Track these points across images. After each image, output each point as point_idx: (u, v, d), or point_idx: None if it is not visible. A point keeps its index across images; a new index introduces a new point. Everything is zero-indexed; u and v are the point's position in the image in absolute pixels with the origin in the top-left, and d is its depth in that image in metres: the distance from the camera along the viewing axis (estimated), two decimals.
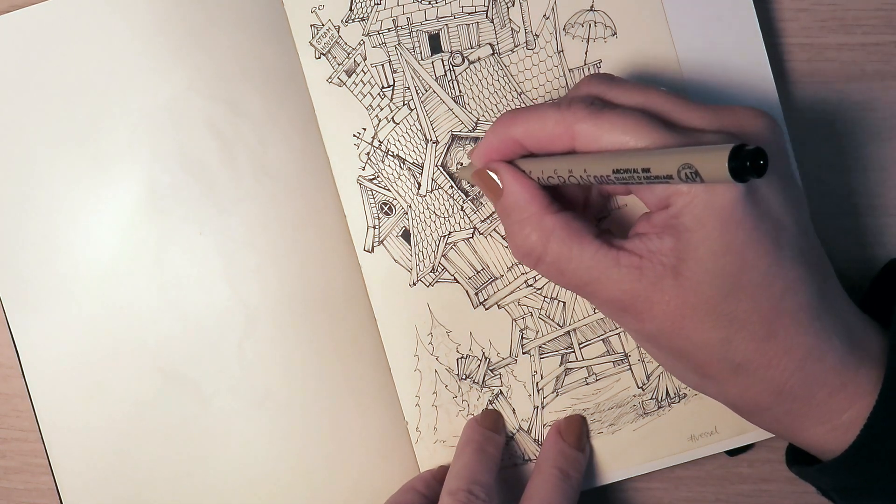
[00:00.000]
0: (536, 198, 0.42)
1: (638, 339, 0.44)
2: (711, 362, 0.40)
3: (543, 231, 0.41)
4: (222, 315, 0.48)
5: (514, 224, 0.42)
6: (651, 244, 0.39)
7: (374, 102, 0.48)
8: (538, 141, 0.41)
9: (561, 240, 0.40)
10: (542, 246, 0.41)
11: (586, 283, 0.40)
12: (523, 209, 0.42)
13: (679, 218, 0.38)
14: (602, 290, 0.40)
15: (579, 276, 0.40)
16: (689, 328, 0.39)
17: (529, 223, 0.41)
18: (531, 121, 0.41)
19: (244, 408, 0.48)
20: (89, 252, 0.48)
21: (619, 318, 0.41)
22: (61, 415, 0.48)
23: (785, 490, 0.51)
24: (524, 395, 0.49)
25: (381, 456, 0.49)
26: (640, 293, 0.39)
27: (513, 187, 0.42)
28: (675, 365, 0.42)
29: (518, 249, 0.42)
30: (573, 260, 0.40)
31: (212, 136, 0.48)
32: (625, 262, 0.39)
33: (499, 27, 0.48)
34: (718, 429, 0.49)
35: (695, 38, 0.48)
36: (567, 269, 0.41)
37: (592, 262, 0.40)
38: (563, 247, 0.40)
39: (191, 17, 0.48)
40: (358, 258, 0.48)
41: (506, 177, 0.42)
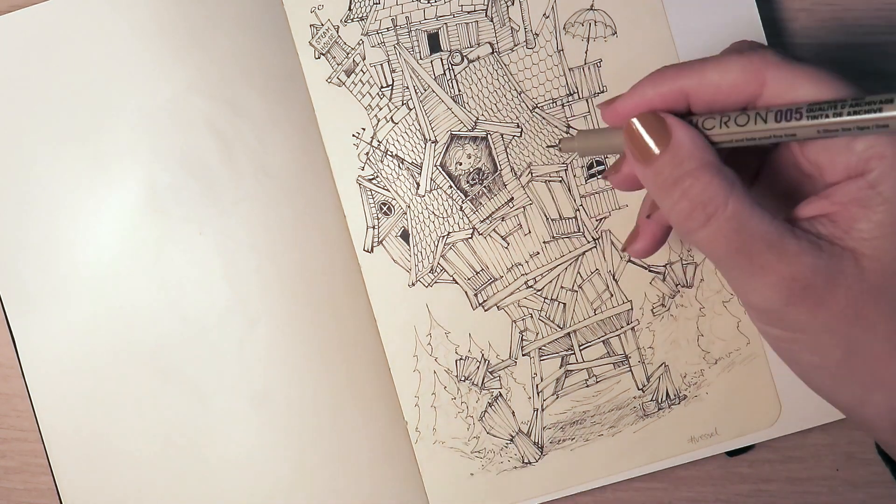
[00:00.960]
0: (711, 147, 0.37)
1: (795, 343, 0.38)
2: (893, 358, 0.36)
3: (726, 179, 0.36)
4: (222, 315, 0.48)
5: (688, 173, 0.36)
6: (823, 228, 0.36)
7: (373, 102, 0.48)
8: (714, 93, 0.37)
9: (742, 194, 0.36)
10: (724, 196, 0.36)
11: (763, 251, 0.35)
12: (700, 156, 0.37)
13: (878, 186, 0.35)
14: (781, 261, 0.35)
15: (757, 239, 0.35)
16: (874, 316, 0.35)
17: (710, 169, 0.36)
18: (708, 70, 0.37)
19: (244, 408, 0.48)
20: (89, 252, 0.48)
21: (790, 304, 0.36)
22: (61, 415, 0.48)
23: (785, 490, 0.51)
24: (524, 398, 0.49)
25: (381, 456, 0.49)
26: (823, 269, 0.35)
27: (685, 132, 0.37)
28: (838, 371, 0.37)
29: (691, 201, 0.36)
30: (753, 217, 0.35)
31: (212, 136, 0.48)
32: (802, 235, 0.36)
33: (498, 26, 0.48)
34: (718, 430, 0.49)
35: (695, 37, 0.48)
36: (746, 228, 0.35)
37: (772, 227, 0.35)
38: (745, 202, 0.36)
39: (191, 18, 0.48)
40: (357, 258, 0.48)
41: (674, 123, 0.37)
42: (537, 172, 0.48)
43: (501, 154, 0.48)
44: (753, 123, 0.37)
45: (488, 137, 0.48)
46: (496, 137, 0.48)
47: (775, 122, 0.36)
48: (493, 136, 0.48)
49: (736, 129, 0.37)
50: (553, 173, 0.48)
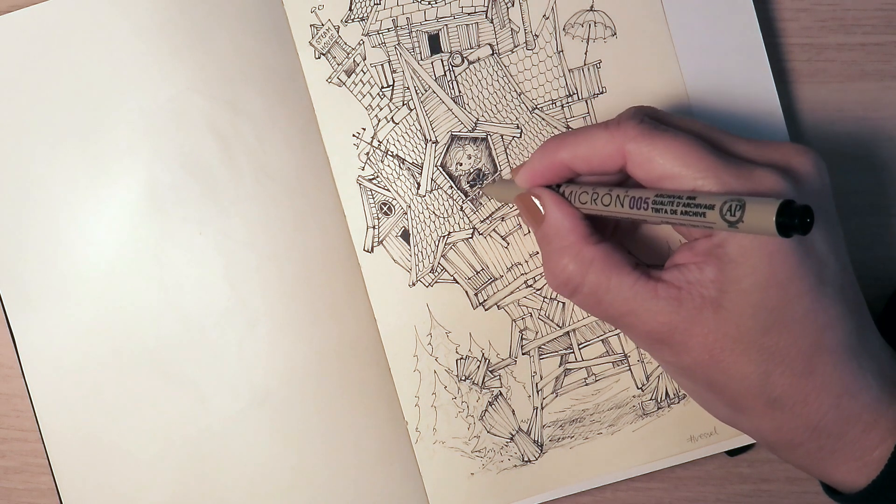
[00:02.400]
0: (578, 227, 0.41)
1: (672, 372, 0.43)
2: (748, 396, 0.39)
3: (583, 262, 0.41)
4: (222, 315, 0.48)
5: (553, 252, 0.42)
6: (691, 275, 0.39)
7: (373, 102, 0.48)
8: (587, 163, 0.41)
9: (599, 270, 0.40)
10: (580, 276, 0.41)
11: (623, 315, 0.40)
12: (564, 237, 0.41)
13: (724, 248, 0.38)
14: (639, 321, 0.40)
15: (616, 307, 0.40)
16: (727, 361, 0.39)
17: (569, 252, 0.41)
18: (579, 143, 0.41)
19: (244, 408, 0.48)
20: (89, 252, 0.48)
21: (655, 350, 0.41)
22: (61, 415, 0.48)
23: (785, 490, 0.51)
24: (524, 396, 0.49)
25: (381, 456, 0.49)
26: (679, 325, 0.39)
27: (555, 214, 0.42)
28: (708, 398, 0.42)
29: (555, 278, 0.42)
30: (611, 291, 0.40)
31: (212, 136, 0.48)
32: (663, 294, 0.39)
33: (498, 27, 0.48)
34: (718, 430, 0.49)
35: (695, 38, 0.48)
36: (604, 300, 0.40)
37: (630, 294, 0.39)
38: (602, 277, 0.40)
39: (191, 17, 0.48)
40: (357, 258, 0.48)
41: (548, 203, 0.42)
42: None
43: (501, 155, 0.48)
44: (614, 205, 0.40)
45: (488, 138, 0.48)
46: (496, 138, 0.48)
47: (629, 207, 0.39)
48: (493, 137, 0.48)
49: (602, 207, 0.41)
50: None
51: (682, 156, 0.38)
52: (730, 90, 0.48)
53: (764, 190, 0.37)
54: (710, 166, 0.37)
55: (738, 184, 0.37)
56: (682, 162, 0.38)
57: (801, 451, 0.41)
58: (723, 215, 0.35)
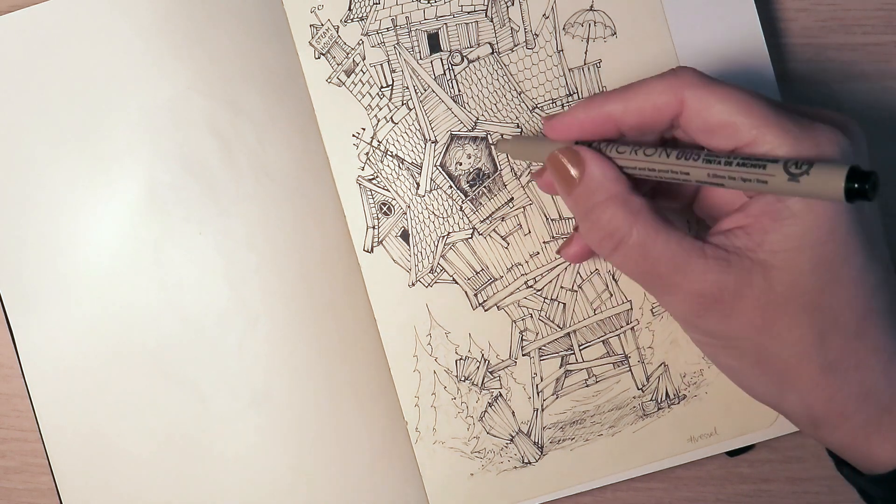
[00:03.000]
0: (621, 178, 0.40)
1: (713, 348, 0.41)
2: (801, 362, 0.38)
3: (630, 211, 0.39)
4: (222, 315, 0.48)
5: (597, 205, 0.40)
6: (738, 240, 0.38)
7: (373, 102, 0.48)
8: (639, 115, 0.40)
9: (648, 222, 0.39)
10: (628, 226, 0.39)
11: (671, 272, 0.38)
12: (608, 188, 0.39)
13: (784, 202, 0.36)
14: (687, 281, 0.38)
15: (664, 262, 0.38)
16: (780, 324, 0.37)
17: (615, 202, 0.39)
18: (632, 94, 0.40)
19: (244, 408, 0.48)
20: (89, 252, 0.48)
21: (700, 316, 0.39)
22: (61, 415, 0.48)
23: (785, 490, 0.51)
24: (524, 398, 0.49)
25: (381, 456, 0.49)
26: (729, 285, 0.37)
27: (596, 166, 0.40)
28: (753, 374, 0.40)
29: (600, 231, 0.40)
30: (659, 244, 0.38)
31: (212, 136, 0.48)
32: (711, 254, 0.38)
33: (498, 26, 0.48)
34: (718, 430, 0.49)
35: (695, 37, 0.48)
36: (651, 254, 0.39)
37: (679, 249, 0.38)
38: (650, 229, 0.38)
39: (191, 17, 0.48)
40: (357, 258, 0.48)
41: (589, 158, 0.40)
42: None
43: (501, 154, 0.48)
44: (657, 156, 0.39)
45: (488, 137, 0.48)
46: (496, 138, 0.48)
47: (676, 159, 0.38)
48: (493, 137, 0.48)
49: (643, 159, 0.39)
50: None
51: (744, 104, 0.37)
52: None
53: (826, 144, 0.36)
54: (772, 115, 0.37)
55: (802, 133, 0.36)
56: (743, 110, 0.37)
57: (848, 426, 0.39)
58: (787, 168, 0.34)
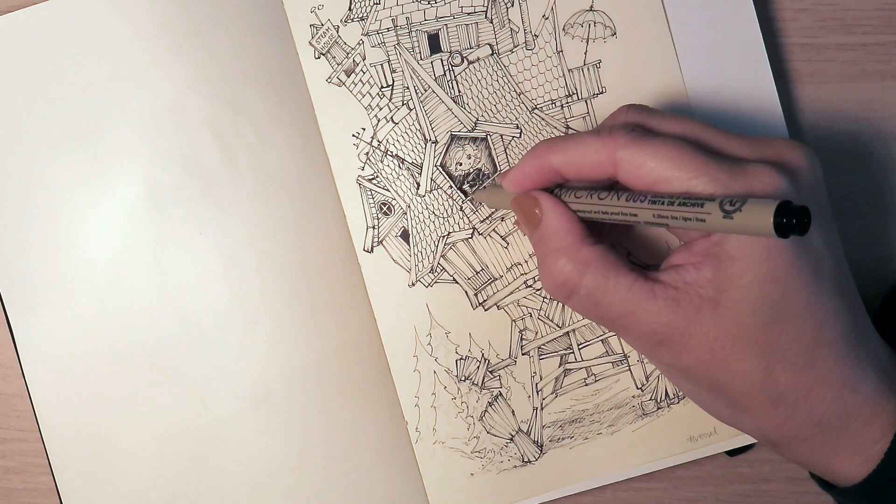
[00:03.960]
0: (574, 228, 0.41)
1: (671, 375, 0.43)
2: (751, 394, 0.39)
3: (580, 262, 0.40)
4: (222, 315, 0.48)
5: (549, 254, 0.41)
6: (688, 276, 0.39)
7: (373, 102, 0.48)
8: (577, 169, 0.41)
9: (597, 271, 0.40)
10: (577, 277, 0.40)
11: (622, 316, 0.40)
12: (561, 239, 0.41)
13: (722, 245, 0.38)
14: (638, 323, 0.39)
15: (615, 308, 0.40)
16: (728, 359, 0.39)
17: (566, 253, 0.41)
18: (570, 149, 0.41)
19: (244, 408, 0.48)
20: (89, 252, 0.48)
21: (654, 352, 0.41)
22: (61, 415, 0.48)
23: (785, 490, 0.51)
24: (523, 397, 0.49)
25: (381, 456, 0.49)
26: (678, 325, 0.38)
27: (551, 216, 0.41)
28: (709, 399, 0.42)
29: (552, 280, 0.41)
30: (608, 292, 0.40)
31: (212, 136, 0.48)
32: (661, 295, 0.39)
33: (498, 27, 0.48)
34: (717, 430, 0.49)
35: (695, 38, 0.48)
36: (602, 302, 0.40)
37: (628, 295, 0.39)
38: (600, 279, 0.40)
39: (191, 17, 0.48)
40: (357, 258, 0.48)
41: (545, 205, 0.42)
42: None
43: (501, 155, 0.48)
44: (609, 199, 0.40)
45: (488, 138, 0.48)
46: (496, 138, 0.48)
47: (625, 201, 0.39)
48: (493, 137, 0.48)
49: (597, 202, 0.40)
50: None
51: (674, 158, 0.38)
52: (730, 90, 0.48)
53: (759, 186, 0.37)
54: (703, 166, 0.38)
55: (732, 180, 0.37)
56: (674, 165, 0.38)
57: (804, 448, 0.41)
58: (722, 206, 0.35)
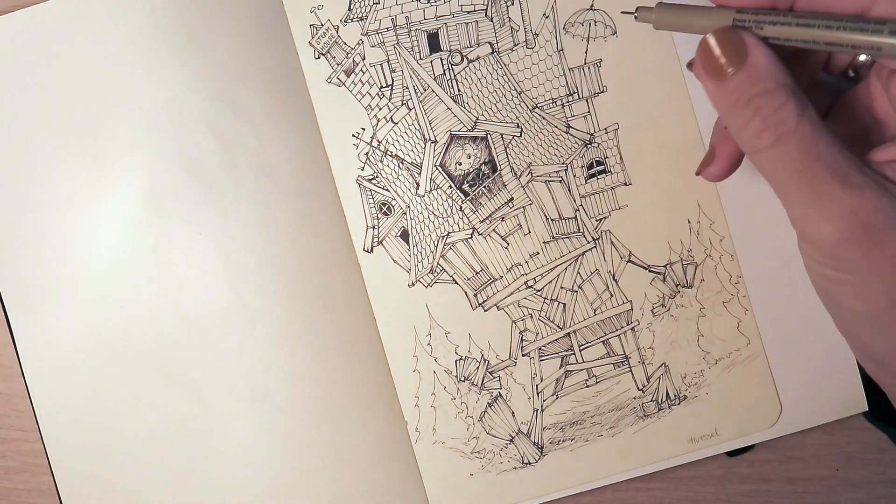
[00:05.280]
0: (787, 70, 0.36)
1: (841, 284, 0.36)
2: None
3: (801, 100, 0.35)
4: (222, 315, 0.48)
5: (765, 92, 0.36)
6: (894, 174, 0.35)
7: (372, 102, 0.48)
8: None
9: (814, 118, 0.35)
10: (796, 117, 0.35)
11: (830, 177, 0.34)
12: (777, 77, 0.36)
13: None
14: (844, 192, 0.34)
15: (825, 164, 0.34)
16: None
17: (787, 90, 0.35)
18: None
19: (244, 407, 0.48)
20: (90, 252, 0.48)
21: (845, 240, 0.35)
22: (61, 415, 0.48)
23: (785, 490, 0.51)
24: (524, 398, 0.49)
25: (381, 456, 0.49)
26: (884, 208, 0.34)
27: (761, 53, 0.36)
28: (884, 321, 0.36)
29: (763, 120, 0.36)
30: (823, 143, 0.35)
31: (212, 136, 0.48)
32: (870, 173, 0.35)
33: (498, 26, 0.48)
34: (718, 431, 0.49)
35: (695, 37, 0.47)
36: (813, 151, 0.35)
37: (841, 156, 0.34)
38: (817, 126, 0.35)
39: (191, 18, 0.48)
40: (357, 258, 0.48)
41: (752, 42, 0.37)
42: (537, 172, 0.48)
43: (501, 154, 0.48)
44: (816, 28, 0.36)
45: (488, 137, 0.48)
46: (496, 137, 0.48)
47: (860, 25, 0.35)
48: (493, 136, 0.48)
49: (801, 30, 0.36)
50: (553, 173, 0.48)
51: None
52: None
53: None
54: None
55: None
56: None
57: None
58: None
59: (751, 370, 0.49)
